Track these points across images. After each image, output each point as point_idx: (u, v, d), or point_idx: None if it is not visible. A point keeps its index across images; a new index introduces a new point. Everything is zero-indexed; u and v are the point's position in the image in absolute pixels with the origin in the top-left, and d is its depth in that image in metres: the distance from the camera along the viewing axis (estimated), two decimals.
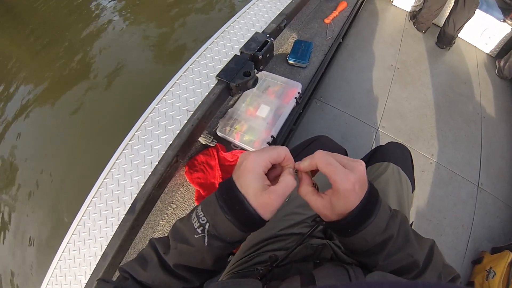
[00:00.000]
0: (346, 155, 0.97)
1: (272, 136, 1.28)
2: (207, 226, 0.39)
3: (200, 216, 0.39)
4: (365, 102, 1.94)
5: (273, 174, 0.42)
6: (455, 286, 0.24)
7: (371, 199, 0.39)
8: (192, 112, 0.97)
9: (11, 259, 2.42)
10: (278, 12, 1.26)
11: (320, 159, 0.38)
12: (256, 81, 0.98)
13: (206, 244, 0.39)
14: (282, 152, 0.40)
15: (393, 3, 2.61)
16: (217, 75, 1.00)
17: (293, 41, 1.77)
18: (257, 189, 0.37)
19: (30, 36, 4.30)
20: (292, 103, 1.39)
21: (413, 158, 0.94)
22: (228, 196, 0.38)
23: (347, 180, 0.35)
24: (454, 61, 2.31)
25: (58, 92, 3.43)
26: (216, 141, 1.33)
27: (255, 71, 1.02)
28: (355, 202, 0.37)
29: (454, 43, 2.33)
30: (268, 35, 1.10)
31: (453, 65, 2.28)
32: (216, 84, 1.01)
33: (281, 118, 1.33)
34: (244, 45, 1.08)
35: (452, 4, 2.19)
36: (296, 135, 1.66)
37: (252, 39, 1.09)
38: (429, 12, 2.27)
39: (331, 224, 0.41)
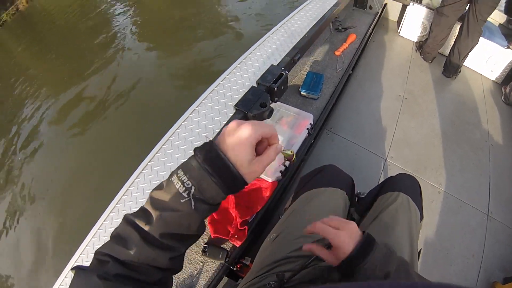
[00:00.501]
0: (353, 183, 1.06)
1: (284, 165, 1.32)
2: (192, 190, 0.40)
3: (184, 181, 0.40)
4: (374, 132, 1.98)
5: (262, 147, 0.46)
6: (455, 286, 0.27)
7: (365, 245, 0.55)
8: (211, 139, 1.02)
9: (15, 271, 2.45)
10: (292, 46, 1.34)
11: (318, 228, 0.60)
12: (271, 112, 1.04)
13: (193, 207, 0.40)
14: (272, 130, 0.44)
15: (400, 34, 2.71)
16: (235, 105, 1.07)
17: (305, 72, 1.85)
18: (250, 159, 0.41)
19: (52, 56, 4.52)
20: (304, 134, 1.44)
21: (421, 187, 0.98)
22: (213, 161, 0.40)
23: (338, 237, 0.56)
24: (461, 89, 2.35)
25: (79, 113, 3.55)
26: None
27: (270, 102, 1.08)
28: (350, 250, 0.54)
29: (460, 71, 2.37)
30: (283, 68, 1.17)
31: (460, 93, 2.32)
32: (234, 114, 1.08)
33: (293, 148, 1.38)
34: (261, 77, 1.15)
35: (457, 33, 2.26)
36: (306, 163, 1.70)
37: (268, 71, 1.16)
38: (434, 42, 2.34)
39: (338, 267, 0.56)
